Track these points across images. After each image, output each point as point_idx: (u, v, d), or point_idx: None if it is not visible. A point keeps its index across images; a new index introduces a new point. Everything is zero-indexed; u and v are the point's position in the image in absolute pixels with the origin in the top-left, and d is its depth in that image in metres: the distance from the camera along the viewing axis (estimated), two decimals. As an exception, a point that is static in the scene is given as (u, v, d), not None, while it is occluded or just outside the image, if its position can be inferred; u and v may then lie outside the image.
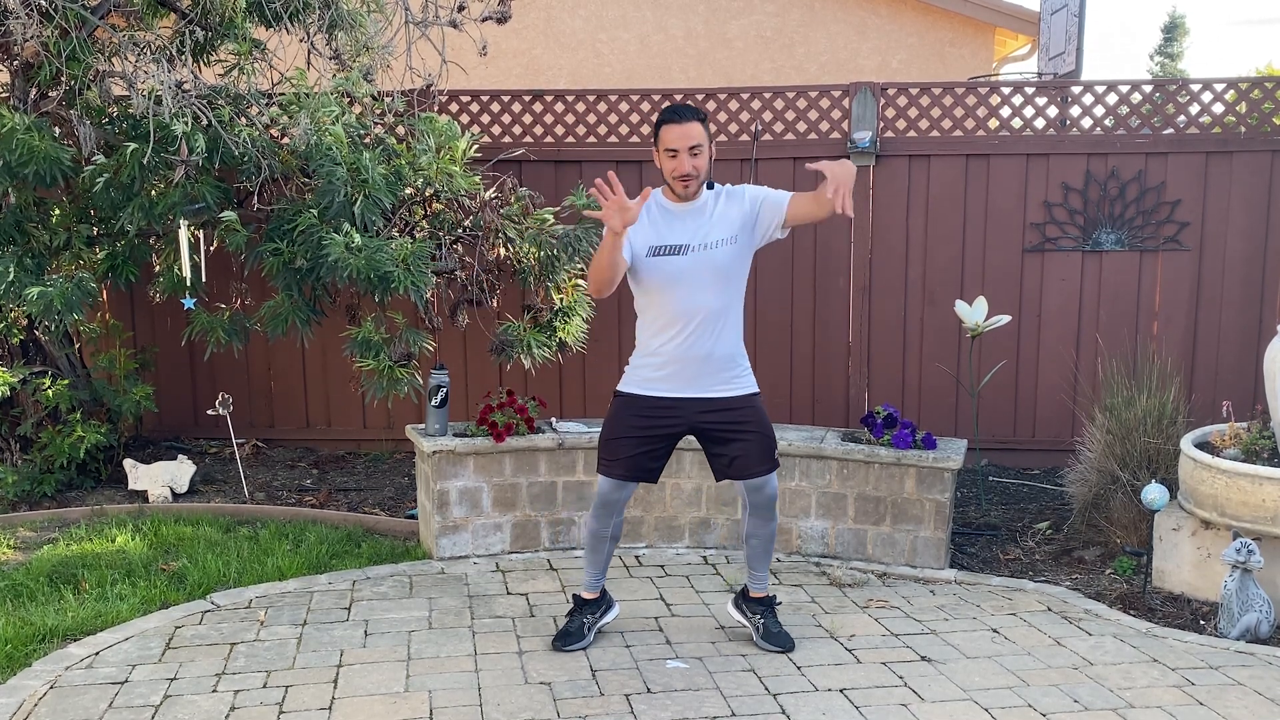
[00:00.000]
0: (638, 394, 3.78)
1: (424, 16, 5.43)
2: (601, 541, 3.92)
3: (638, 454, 3.78)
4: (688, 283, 3.65)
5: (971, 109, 6.30)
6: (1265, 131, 6.15)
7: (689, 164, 3.60)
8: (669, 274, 3.66)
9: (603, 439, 3.85)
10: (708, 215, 3.70)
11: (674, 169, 3.63)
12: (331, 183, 4.94)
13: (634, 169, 6.35)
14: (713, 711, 3.44)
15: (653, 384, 3.76)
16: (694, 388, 3.73)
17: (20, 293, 5.02)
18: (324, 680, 3.64)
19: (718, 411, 3.75)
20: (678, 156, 3.61)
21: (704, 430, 3.79)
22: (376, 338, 5.20)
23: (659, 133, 3.65)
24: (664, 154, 3.64)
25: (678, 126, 3.60)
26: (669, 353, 3.71)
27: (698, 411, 3.75)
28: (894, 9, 10.42)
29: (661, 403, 3.75)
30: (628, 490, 3.85)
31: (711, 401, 3.74)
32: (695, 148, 3.60)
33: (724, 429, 3.76)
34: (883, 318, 6.45)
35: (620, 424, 3.79)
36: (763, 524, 3.89)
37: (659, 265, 3.66)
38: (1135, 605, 4.39)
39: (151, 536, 5.03)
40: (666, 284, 3.67)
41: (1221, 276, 6.27)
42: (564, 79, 10.24)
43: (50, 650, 3.84)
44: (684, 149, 3.59)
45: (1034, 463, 6.44)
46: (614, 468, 3.80)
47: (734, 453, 3.77)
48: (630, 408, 3.78)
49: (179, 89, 4.93)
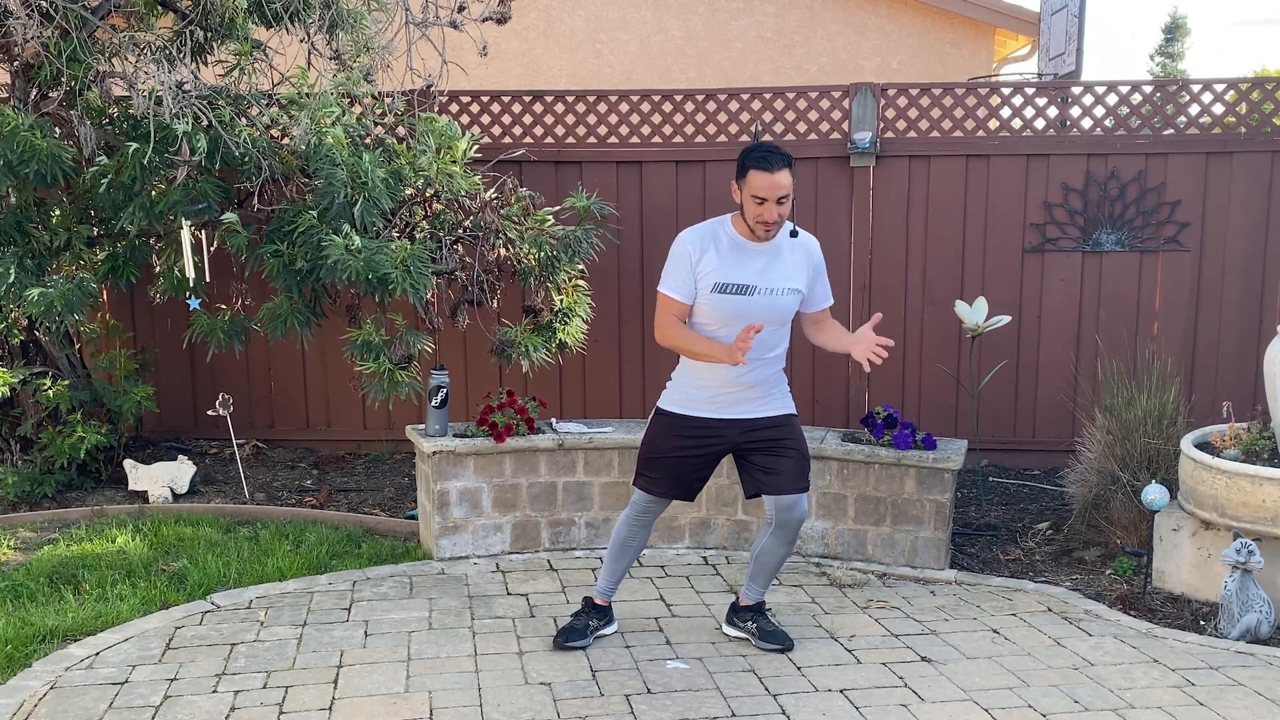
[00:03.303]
0: (681, 414, 3.77)
1: (424, 17, 5.44)
2: (628, 551, 3.94)
3: (681, 473, 3.79)
4: (747, 321, 3.61)
5: (971, 109, 6.30)
6: (1265, 132, 6.15)
7: (775, 212, 3.56)
8: (730, 311, 3.64)
9: (644, 456, 3.83)
10: (778, 258, 3.67)
11: (759, 215, 3.56)
12: (331, 184, 4.94)
13: (634, 169, 6.36)
14: (713, 712, 3.44)
15: (696, 405, 3.75)
16: (739, 409, 3.74)
17: (21, 294, 5.02)
18: (324, 681, 3.64)
19: (759, 430, 3.76)
20: (765, 204, 3.55)
21: (743, 449, 3.79)
22: (377, 340, 5.20)
23: (746, 176, 3.56)
24: (749, 198, 3.57)
25: (769, 175, 3.52)
26: (716, 380, 3.71)
27: (740, 431, 3.76)
28: (894, 10, 10.42)
29: (705, 423, 3.75)
30: (665, 504, 3.87)
31: (754, 421, 3.75)
32: (783, 198, 3.55)
33: (764, 445, 3.76)
34: (883, 318, 6.45)
35: (663, 443, 3.78)
36: (782, 545, 3.85)
37: (723, 302, 3.63)
38: (1135, 606, 4.39)
39: (152, 537, 5.03)
40: (728, 319, 3.65)
41: (1221, 276, 6.27)
42: (564, 79, 10.24)
43: (50, 651, 3.84)
44: (773, 199, 3.54)
45: (1034, 463, 6.44)
46: (655, 486, 3.81)
47: (772, 467, 3.76)
48: (673, 427, 3.78)
49: (179, 89, 4.93)
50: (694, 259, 3.63)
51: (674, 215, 6.37)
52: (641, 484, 3.84)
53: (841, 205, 6.39)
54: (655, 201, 6.41)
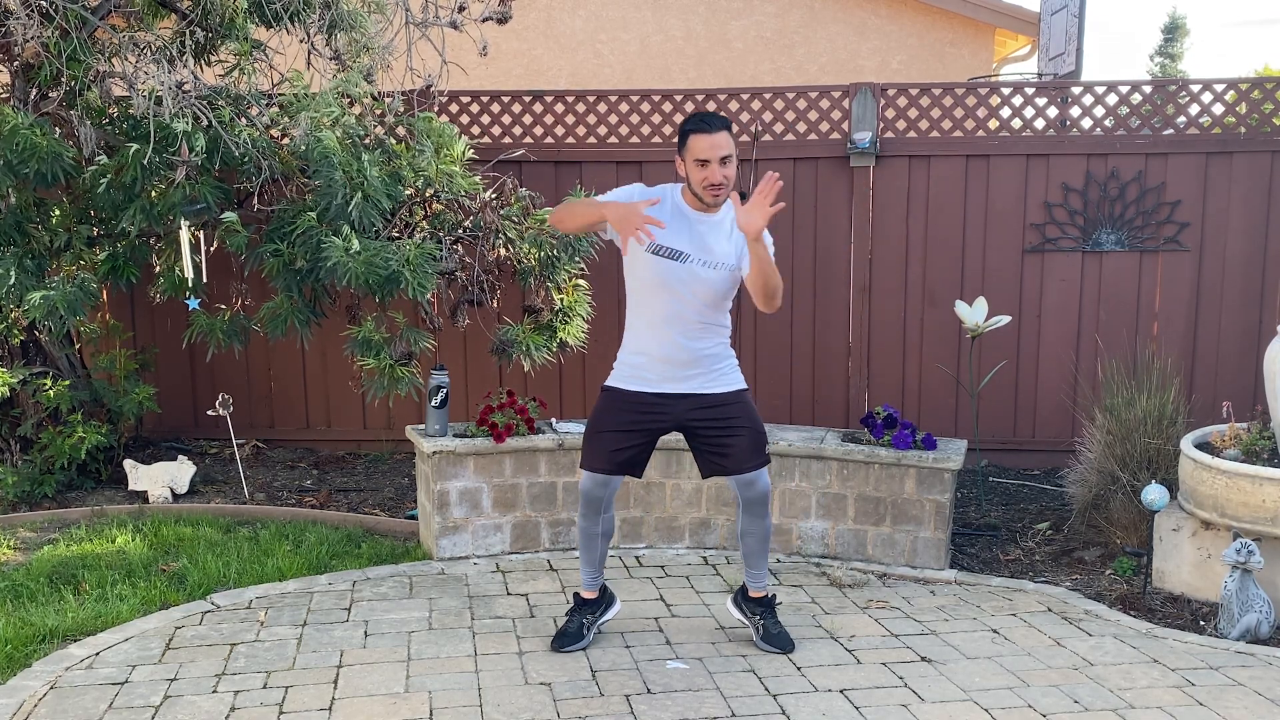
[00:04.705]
0: (625, 389, 3.76)
1: (424, 17, 5.43)
2: (593, 539, 3.91)
3: (620, 448, 3.75)
4: (678, 289, 3.62)
5: (971, 109, 6.30)
6: (1265, 132, 6.15)
7: (719, 174, 3.53)
8: (662, 275, 3.63)
9: (587, 434, 3.82)
10: (718, 231, 3.65)
11: (704, 179, 3.54)
12: (330, 185, 4.95)
13: (634, 169, 6.35)
14: (713, 712, 3.44)
15: (640, 380, 3.74)
16: (682, 384, 3.72)
17: (21, 294, 5.02)
18: (324, 681, 3.64)
19: (707, 408, 3.73)
20: (708, 166, 3.53)
21: (692, 428, 3.77)
22: (377, 337, 5.20)
23: (686, 141, 3.56)
24: (693, 164, 3.55)
25: (707, 136, 3.51)
26: (655, 351, 3.70)
27: (687, 409, 3.73)
28: (894, 10, 10.42)
29: (649, 398, 3.73)
30: (612, 485, 3.82)
31: (700, 398, 3.73)
32: (726, 157, 3.53)
33: (713, 425, 3.74)
34: (883, 318, 6.45)
35: (606, 418, 3.77)
36: (756, 520, 3.87)
37: (655, 264, 3.63)
38: (1135, 606, 4.39)
39: (151, 537, 5.03)
40: (658, 285, 3.65)
41: (1221, 277, 6.27)
42: (564, 79, 10.24)
43: (50, 651, 3.84)
44: (715, 159, 3.52)
45: (1034, 463, 6.44)
46: (595, 461, 3.77)
47: (724, 449, 3.75)
48: (617, 401, 3.76)
49: (179, 89, 4.93)
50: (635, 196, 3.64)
51: (674, 215, 6.36)
52: (584, 463, 3.80)
53: (841, 205, 6.39)
54: (655, 201, 6.41)
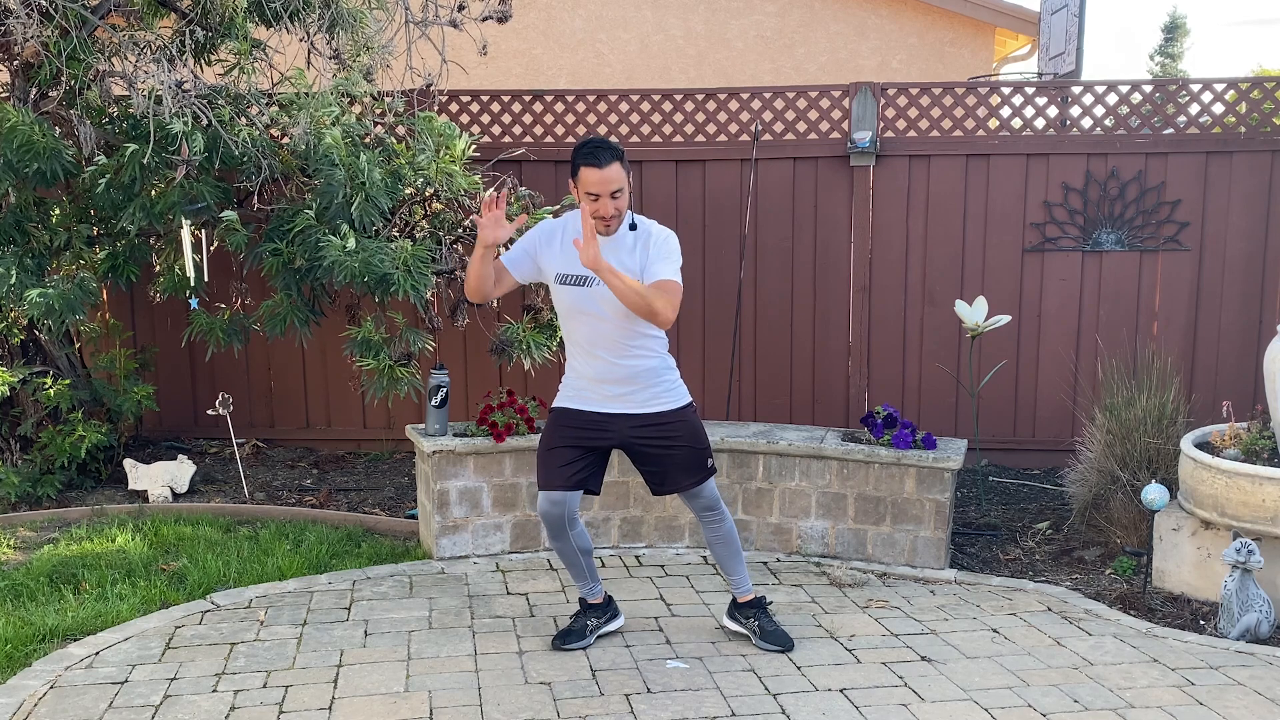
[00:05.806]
0: (571, 408, 3.79)
1: (424, 16, 5.44)
2: (571, 556, 3.91)
3: (569, 463, 3.75)
4: (592, 310, 3.66)
5: (971, 109, 6.30)
6: (1265, 131, 6.15)
7: (611, 206, 3.57)
8: (575, 301, 3.68)
9: (539, 454, 3.83)
10: (618, 250, 3.64)
11: (595, 211, 3.57)
12: (330, 184, 4.94)
13: (634, 169, 6.35)
14: (713, 711, 3.44)
15: (584, 400, 3.77)
16: (623, 404, 3.73)
17: (21, 294, 5.02)
18: (324, 680, 3.64)
19: (648, 427, 3.74)
20: (599, 200, 3.56)
21: (634, 446, 3.78)
22: (377, 337, 5.20)
23: (578, 173, 3.58)
24: (585, 195, 3.58)
25: (597, 171, 3.53)
26: (589, 373, 3.74)
27: (629, 427, 3.75)
28: (894, 9, 10.42)
29: (594, 417, 3.75)
30: (569, 504, 3.77)
31: (642, 417, 3.74)
32: (617, 191, 3.56)
33: (652, 444, 3.76)
34: (883, 317, 6.45)
35: (554, 436, 3.79)
36: (714, 526, 3.90)
37: (565, 292, 3.69)
38: (1135, 605, 4.39)
39: (151, 536, 5.03)
40: (575, 310, 3.70)
41: (1221, 276, 6.27)
42: (564, 79, 10.24)
43: (50, 650, 3.84)
44: (605, 194, 3.55)
45: (1034, 463, 6.44)
46: (550, 480, 3.76)
47: (663, 468, 3.79)
48: (564, 420, 3.79)
49: (179, 89, 4.93)
50: (539, 241, 3.73)
51: (674, 214, 6.37)
52: (540, 483, 3.80)
53: (841, 205, 6.39)
54: (655, 201, 6.41)
